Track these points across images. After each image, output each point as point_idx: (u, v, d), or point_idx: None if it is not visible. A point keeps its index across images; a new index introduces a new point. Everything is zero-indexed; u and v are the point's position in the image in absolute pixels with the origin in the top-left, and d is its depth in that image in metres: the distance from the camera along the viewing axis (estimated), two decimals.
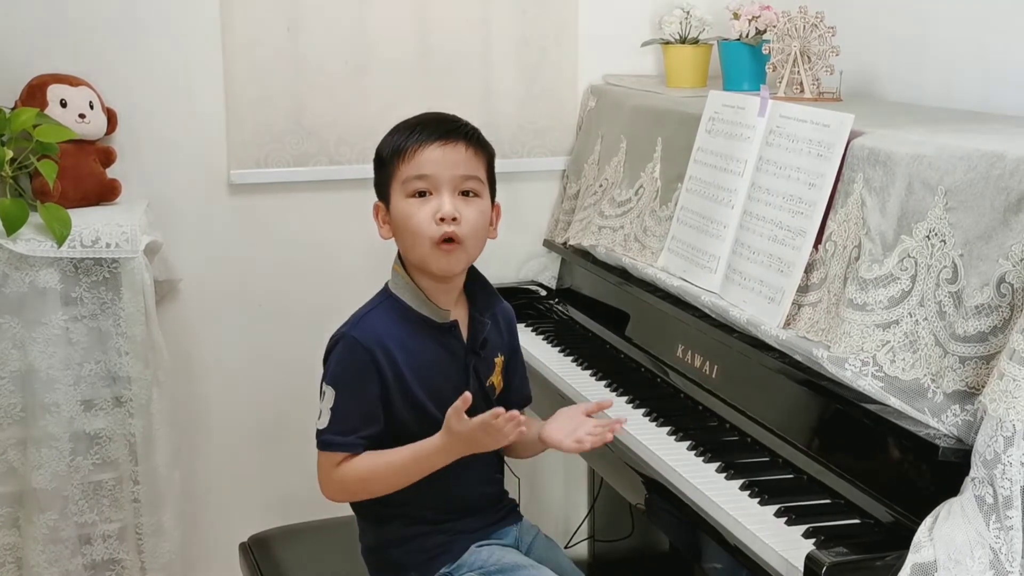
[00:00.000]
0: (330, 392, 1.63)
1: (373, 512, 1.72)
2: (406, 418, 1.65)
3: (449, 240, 1.63)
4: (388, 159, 1.67)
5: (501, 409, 1.56)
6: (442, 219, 1.62)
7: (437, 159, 1.63)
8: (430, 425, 1.64)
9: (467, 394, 1.57)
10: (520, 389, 1.84)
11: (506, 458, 1.83)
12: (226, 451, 2.66)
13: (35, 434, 2.21)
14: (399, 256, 1.71)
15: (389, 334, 1.65)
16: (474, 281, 1.75)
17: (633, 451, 1.92)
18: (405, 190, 1.64)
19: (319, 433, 1.64)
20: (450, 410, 1.57)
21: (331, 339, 1.67)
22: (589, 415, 1.73)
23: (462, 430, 1.57)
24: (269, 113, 2.56)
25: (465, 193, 1.66)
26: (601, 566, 2.90)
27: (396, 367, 1.63)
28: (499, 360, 1.77)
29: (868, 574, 1.40)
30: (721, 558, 1.62)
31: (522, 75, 2.74)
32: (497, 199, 1.75)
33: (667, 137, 2.33)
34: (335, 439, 1.63)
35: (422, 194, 1.64)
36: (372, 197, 1.75)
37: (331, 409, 1.62)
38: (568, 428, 1.70)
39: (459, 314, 1.72)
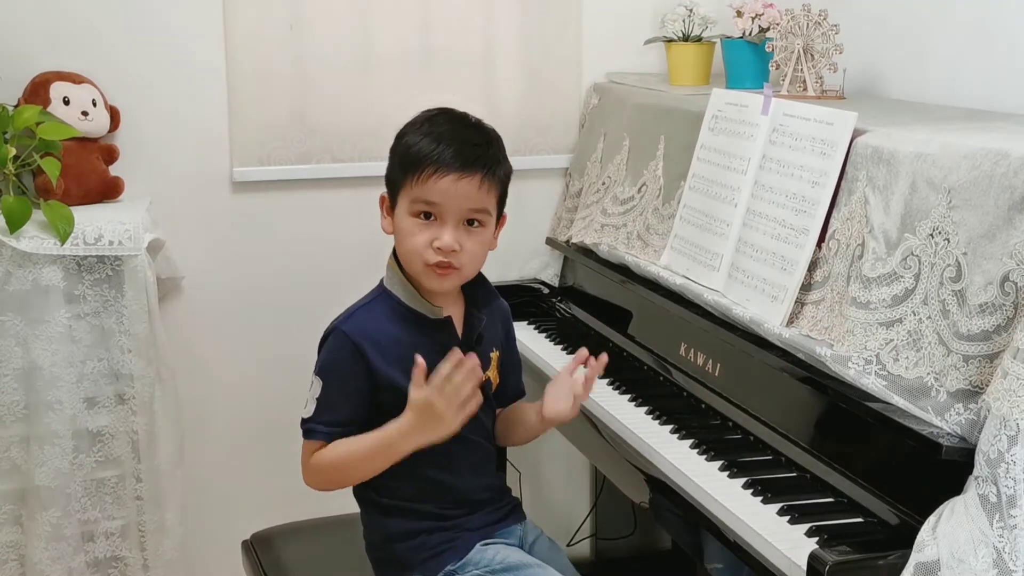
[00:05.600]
0: (318, 383, 1.65)
1: (377, 507, 1.73)
2: (399, 412, 1.65)
3: (445, 265, 1.64)
4: (402, 166, 1.66)
5: (458, 353, 1.57)
6: (440, 249, 1.62)
7: (449, 190, 1.62)
8: None
9: (420, 360, 1.56)
10: (516, 384, 1.85)
11: (507, 453, 1.83)
12: (229, 448, 2.66)
13: (38, 431, 2.21)
14: (395, 251, 1.72)
15: (381, 330, 1.65)
16: (471, 277, 1.75)
17: (636, 449, 1.92)
18: (411, 208, 1.64)
19: (304, 422, 1.66)
20: (411, 384, 1.57)
21: (325, 331, 1.68)
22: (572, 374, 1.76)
23: (418, 396, 1.56)
24: (272, 111, 2.56)
25: (470, 222, 1.65)
26: (603, 564, 2.91)
27: (386, 362, 1.64)
28: (495, 355, 1.77)
29: (871, 573, 1.40)
30: (724, 557, 1.62)
31: (525, 72, 2.74)
32: None
33: (670, 135, 2.33)
34: (319, 428, 1.65)
35: (427, 216, 1.64)
36: (374, 195, 1.75)
37: (317, 399, 1.64)
38: (564, 395, 1.73)
39: (455, 309, 1.73)
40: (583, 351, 1.75)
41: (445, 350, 1.68)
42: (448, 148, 1.63)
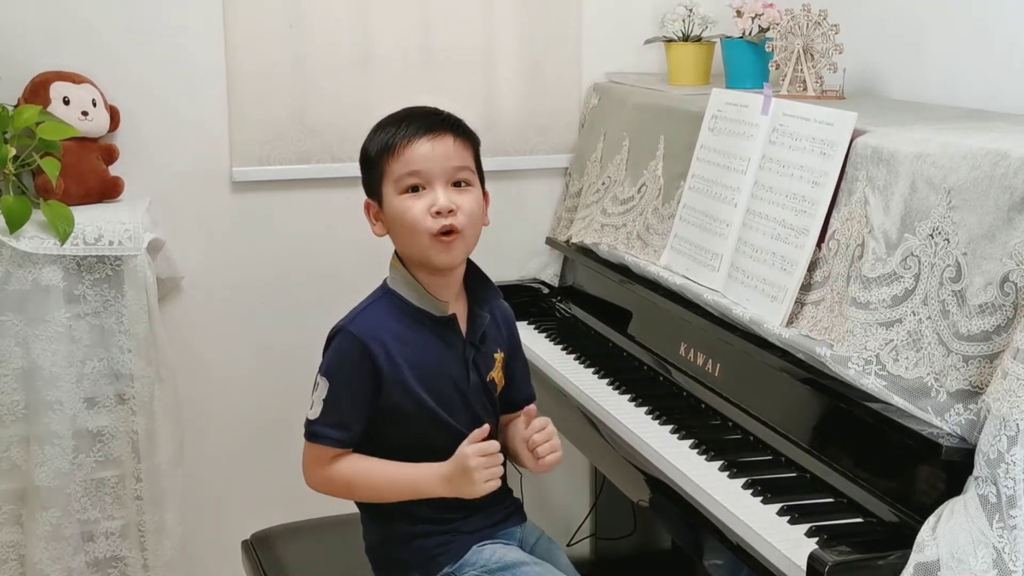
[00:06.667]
0: (324, 384, 1.64)
1: (377, 510, 1.72)
2: (405, 411, 1.66)
3: (448, 232, 1.63)
4: (376, 157, 1.67)
5: (492, 443, 1.63)
6: (438, 212, 1.62)
7: (427, 154, 1.64)
8: (429, 419, 1.66)
9: (486, 426, 1.63)
10: (523, 388, 1.84)
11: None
12: (228, 448, 2.66)
13: (38, 431, 2.21)
14: (396, 252, 1.71)
15: (387, 329, 1.65)
16: (473, 275, 1.75)
17: (636, 449, 1.92)
18: (398, 187, 1.65)
19: (309, 423, 1.66)
20: (467, 439, 1.62)
21: (330, 332, 1.68)
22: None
23: (465, 451, 1.61)
24: (271, 110, 2.56)
25: (457, 184, 1.66)
26: (603, 564, 2.91)
27: (394, 361, 1.64)
28: (499, 356, 1.77)
29: (871, 573, 1.40)
30: (723, 556, 1.62)
31: (525, 72, 2.74)
32: (499, 196, 1.76)
33: (670, 135, 2.33)
34: (325, 431, 1.64)
35: (415, 189, 1.64)
36: None
37: (323, 400, 1.64)
38: (526, 454, 1.75)
39: (458, 308, 1.72)
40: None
41: (451, 348, 1.69)
42: (411, 123, 1.66)
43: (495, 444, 1.63)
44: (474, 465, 1.60)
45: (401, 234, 1.67)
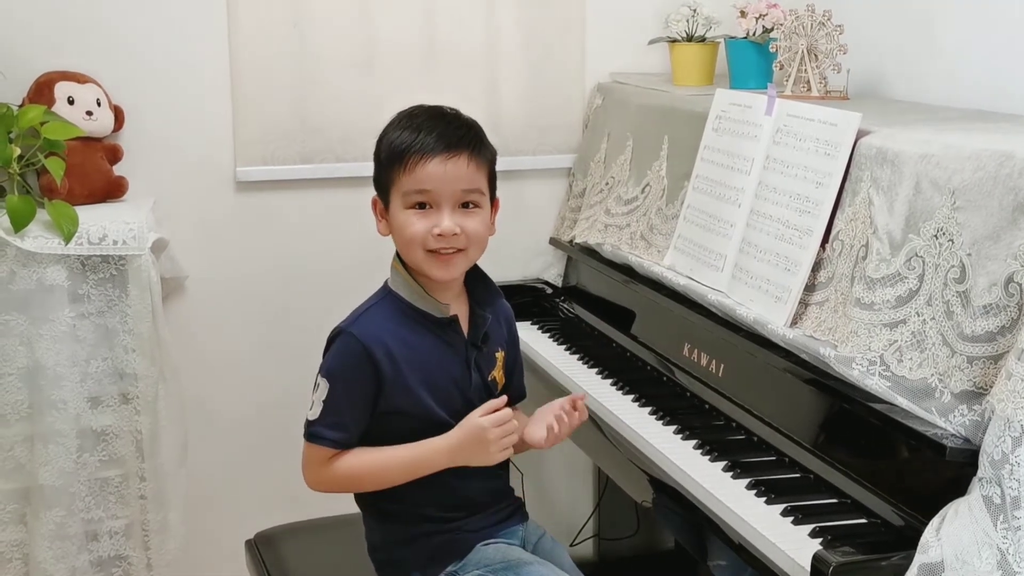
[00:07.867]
0: (324, 384, 1.64)
1: (379, 510, 1.73)
2: (406, 413, 1.66)
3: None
4: (387, 163, 1.66)
5: (507, 411, 1.64)
6: (441, 235, 1.62)
7: (439, 175, 1.62)
8: (430, 420, 1.66)
9: (505, 398, 1.67)
10: (518, 386, 1.85)
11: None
12: (232, 448, 2.67)
13: (42, 431, 2.21)
14: (398, 253, 1.72)
15: (389, 331, 1.65)
16: (474, 276, 1.75)
17: (639, 450, 1.92)
18: (405, 201, 1.64)
19: (309, 424, 1.65)
20: (478, 410, 1.65)
21: (331, 333, 1.68)
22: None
23: (481, 421, 1.63)
24: (275, 110, 2.57)
25: (465, 205, 1.65)
26: (606, 564, 2.91)
27: (395, 363, 1.64)
28: (500, 355, 1.77)
29: (875, 574, 1.40)
30: (727, 557, 1.62)
31: (528, 73, 2.74)
32: (502, 197, 1.75)
33: (674, 135, 2.33)
34: (325, 432, 1.64)
35: (422, 206, 1.64)
36: None
37: (323, 401, 1.64)
38: (542, 424, 1.72)
39: (459, 309, 1.73)
40: (581, 397, 1.74)
41: (452, 349, 1.69)
42: (430, 135, 1.64)
43: (509, 412, 1.64)
44: (492, 437, 1.62)
45: (401, 244, 1.67)
